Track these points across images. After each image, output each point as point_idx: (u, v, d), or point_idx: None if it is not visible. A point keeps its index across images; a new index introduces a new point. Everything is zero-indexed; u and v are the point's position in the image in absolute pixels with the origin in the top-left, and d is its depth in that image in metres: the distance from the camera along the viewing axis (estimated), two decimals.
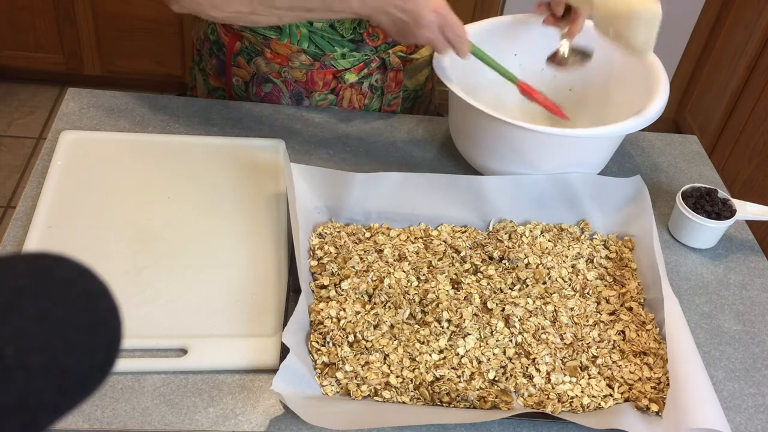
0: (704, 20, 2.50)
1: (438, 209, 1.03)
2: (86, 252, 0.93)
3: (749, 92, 2.32)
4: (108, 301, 0.44)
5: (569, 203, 1.05)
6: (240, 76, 1.20)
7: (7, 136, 2.53)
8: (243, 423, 0.79)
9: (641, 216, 1.03)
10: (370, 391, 0.82)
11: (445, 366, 0.85)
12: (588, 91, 1.18)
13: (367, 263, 0.95)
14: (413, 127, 1.21)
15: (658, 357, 0.88)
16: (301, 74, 1.17)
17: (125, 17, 2.45)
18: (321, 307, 0.89)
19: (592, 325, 0.92)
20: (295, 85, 1.19)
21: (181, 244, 0.96)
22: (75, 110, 1.15)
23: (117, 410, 0.79)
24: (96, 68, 2.58)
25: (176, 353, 0.84)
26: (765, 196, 2.19)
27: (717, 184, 1.17)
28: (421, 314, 0.90)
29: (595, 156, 1.06)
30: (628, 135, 1.26)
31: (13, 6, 2.41)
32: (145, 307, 0.88)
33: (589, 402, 0.84)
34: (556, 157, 1.03)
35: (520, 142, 1.01)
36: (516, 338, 0.89)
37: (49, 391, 0.40)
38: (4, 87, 2.68)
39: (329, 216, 1.02)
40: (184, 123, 1.15)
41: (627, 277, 0.98)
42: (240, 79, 1.20)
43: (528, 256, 0.98)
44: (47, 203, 0.98)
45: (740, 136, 2.34)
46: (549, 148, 1.02)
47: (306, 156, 1.12)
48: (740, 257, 1.06)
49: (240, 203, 1.02)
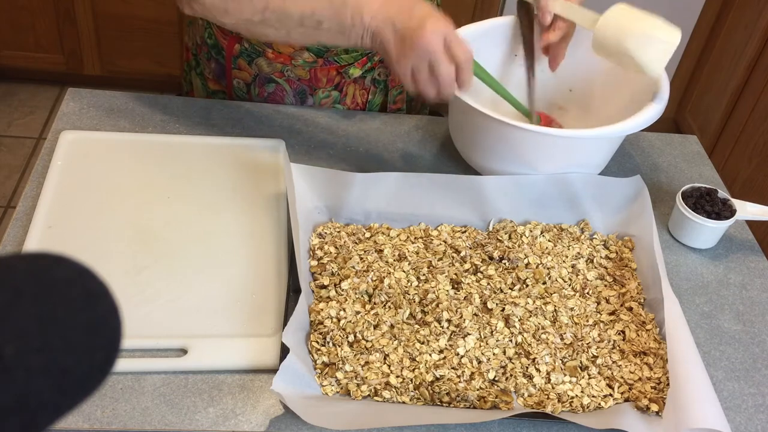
0: (704, 20, 2.50)
1: (438, 209, 1.03)
2: (86, 252, 0.93)
3: (749, 92, 2.32)
4: (108, 301, 0.44)
5: (569, 203, 1.05)
6: (241, 78, 1.20)
7: (7, 136, 2.53)
8: (243, 423, 0.79)
9: (641, 216, 1.03)
10: (370, 391, 0.82)
11: (445, 366, 0.85)
12: (588, 92, 1.18)
13: (367, 263, 0.95)
14: (413, 127, 1.21)
15: (658, 357, 0.88)
16: (304, 72, 1.17)
17: (125, 17, 2.45)
18: (321, 307, 0.89)
19: (592, 325, 0.92)
20: (299, 84, 1.19)
21: (181, 244, 0.96)
22: (75, 110, 1.15)
23: (117, 410, 0.79)
24: (96, 68, 2.58)
25: (176, 353, 0.84)
26: (765, 196, 2.19)
27: (717, 184, 1.17)
28: (421, 314, 0.90)
29: (596, 157, 1.06)
30: (628, 135, 1.26)
31: (13, 6, 2.41)
32: (145, 307, 0.88)
33: (589, 402, 0.84)
34: (556, 158, 1.03)
35: (520, 143, 1.01)
36: (516, 338, 0.89)
37: (49, 391, 0.40)
38: (4, 87, 2.68)
39: (329, 216, 1.02)
40: (184, 123, 1.15)
41: (627, 277, 0.98)
42: (241, 81, 1.20)
43: (528, 256, 0.98)
44: (47, 203, 0.98)
45: (740, 136, 2.34)
46: (549, 148, 1.02)
47: (306, 156, 1.12)
48: (740, 257, 1.06)
49: (240, 203, 1.02)
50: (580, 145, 1.03)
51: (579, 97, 1.19)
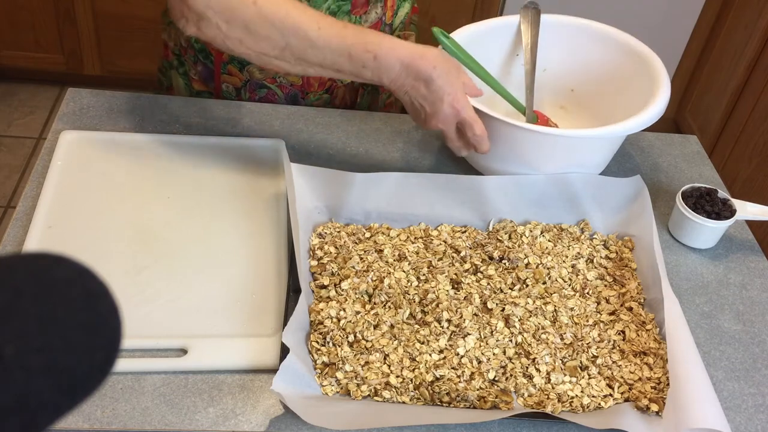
0: (704, 20, 2.50)
1: (438, 209, 1.03)
2: (86, 252, 0.93)
3: (749, 92, 2.32)
4: (108, 301, 0.44)
5: (569, 203, 1.05)
6: (230, 82, 1.19)
7: (7, 136, 2.53)
8: (243, 423, 0.79)
9: (641, 216, 1.03)
10: (370, 391, 0.82)
11: (445, 366, 0.85)
12: (589, 92, 1.18)
13: (367, 263, 0.95)
14: (413, 127, 1.20)
15: (658, 357, 0.88)
16: (297, 78, 1.17)
17: (125, 17, 2.45)
18: (321, 307, 0.89)
19: (592, 325, 0.92)
20: (291, 88, 1.19)
21: (181, 244, 0.96)
22: (75, 110, 1.15)
23: (117, 410, 0.79)
24: (96, 68, 2.58)
25: (176, 353, 0.84)
26: (765, 196, 2.19)
27: (717, 184, 1.17)
28: (421, 314, 0.90)
29: (597, 156, 1.06)
30: (629, 135, 1.26)
31: (13, 6, 2.41)
32: (145, 307, 0.88)
33: (589, 402, 0.84)
34: (556, 158, 1.03)
35: (520, 142, 1.01)
36: (516, 338, 0.89)
37: (49, 391, 0.40)
38: (4, 87, 2.68)
39: (329, 216, 1.02)
40: (184, 123, 1.15)
41: (627, 277, 0.98)
42: (230, 85, 1.19)
43: (528, 256, 0.98)
44: (47, 203, 0.98)
45: (740, 136, 2.34)
46: (549, 148, 1.02)
47: (306, 156, 1.12)
48: (740, 257, 1.06)
49: (240, 203, 1.02)
50: (581, 145, 1.03)
51: (581, 97, 1.19)
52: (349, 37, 0.91)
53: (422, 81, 0.92)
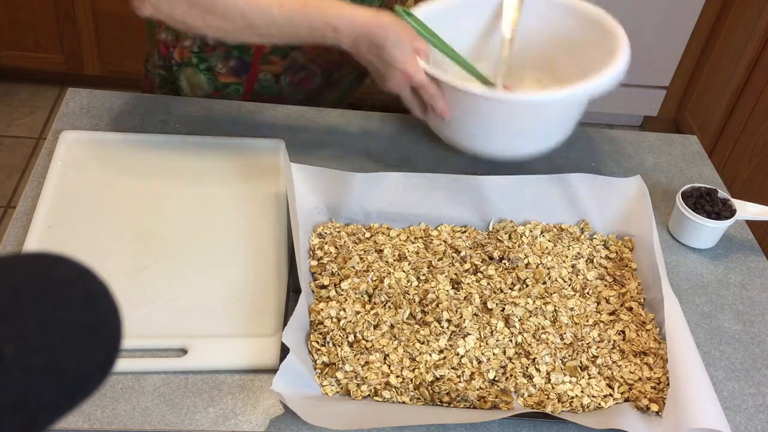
0: (704, 20, 2.50)
1: (438, 209, 1.03)
2: (86, 252, 0.93)
3: (749, 92, 2.32)
4: (108, 301, 0.45)
5: (569, 203, 1.05)
6: (270, 71, 1.22)
7: (7, 136, 2.52)
8: (243, 423, 0.79)
9: (641, 216, 1.03)
10: (370, 391, 0.82)
11: (445, 366, 0.85)
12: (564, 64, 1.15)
13: (367, 263, 0.95)
14: (413, 127, 1.20)
15: (658, 357, 0.88)
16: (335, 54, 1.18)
17: (125, 17, 2.44)
18: (321, 307, 0.89)
19: (592, 325, 0.92)
20: (327, 65, 1.23)
21: (181, 244, 0.96)
22: (75, 110, 1.15)
23: (117, 410, 0.79)
24: (96, 68, 2.58)
25: (176, 353, 0.84)
26: (765, 196, 2.19)
27: (717, 184, 1.17)
28: (421, 314, 0.90)
29: (553, 122, 1.05)
30: (628, 135, 1.26)
31: (13, 6, 2.41)
32: (145, 307, 0.88)
33: (589, 402, 0.84)
34: (512, 125, 1.01)
35: (473, 108, 1.00)
36: (516, 338, 0.89)
37: (49, 391, 0.40)
38: (4, 87, 2.68)
39: (329, 216, 1.02)
40: (184, 123, 1.15)
41: (627, 277, 0.98)
42: (269, 73, 1.22)
43: (528, 256, 0.98)
44: (47, 203, 0.98)
45: (740, 136, 2.34)
46: (502, 113, 1.00)
47: (306, 156, 1.12)
48: (740, 257, 1.06)
49: (240, 203, 1.02)
50: (543, 109, 1.01)
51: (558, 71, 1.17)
52: (310, 12, 0.96)
53: (376, 48, 0.96)
